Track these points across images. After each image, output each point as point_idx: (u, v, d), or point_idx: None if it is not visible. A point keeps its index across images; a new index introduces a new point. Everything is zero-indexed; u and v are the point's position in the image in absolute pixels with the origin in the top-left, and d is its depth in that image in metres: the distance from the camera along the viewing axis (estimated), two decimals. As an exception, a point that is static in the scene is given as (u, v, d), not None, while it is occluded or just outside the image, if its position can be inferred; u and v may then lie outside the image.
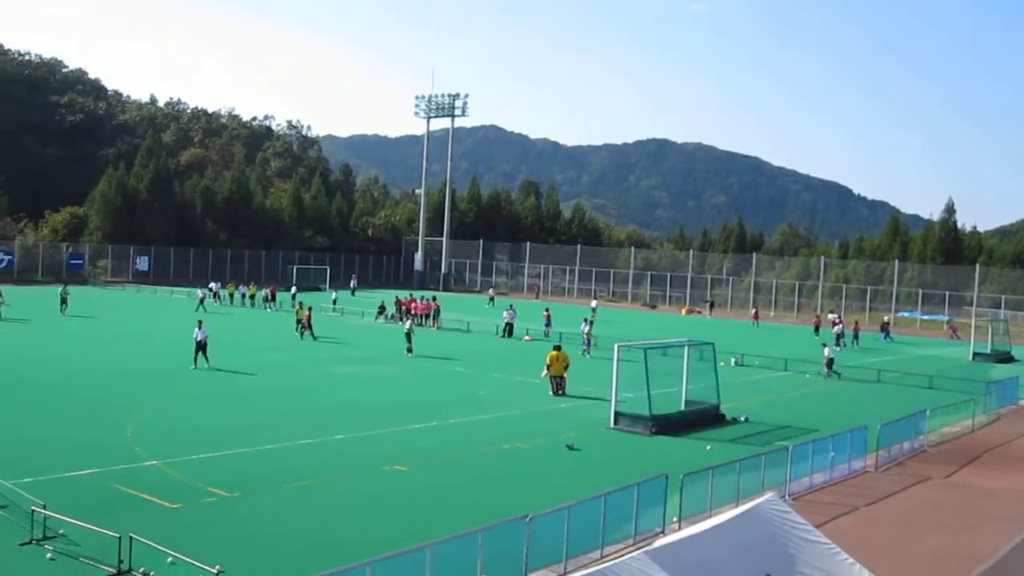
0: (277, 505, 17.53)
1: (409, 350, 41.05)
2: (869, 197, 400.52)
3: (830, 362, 41.64)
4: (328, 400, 29.20)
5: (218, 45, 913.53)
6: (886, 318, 69.36)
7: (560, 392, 31.86)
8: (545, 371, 32.34)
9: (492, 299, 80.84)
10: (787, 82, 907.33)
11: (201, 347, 34.24)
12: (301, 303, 51.06)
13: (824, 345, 43.72)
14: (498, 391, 32.61)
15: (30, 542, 14.53)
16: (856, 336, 58.06)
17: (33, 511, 14.90)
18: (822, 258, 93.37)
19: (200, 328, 34.48)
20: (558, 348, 33.16)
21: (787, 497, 18.62)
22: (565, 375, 32.28)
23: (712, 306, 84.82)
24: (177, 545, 13.85)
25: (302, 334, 46.48)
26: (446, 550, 12.46)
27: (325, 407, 27.93)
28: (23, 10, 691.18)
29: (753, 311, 75.84)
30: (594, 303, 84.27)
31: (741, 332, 62.96)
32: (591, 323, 47.67)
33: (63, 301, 53.92)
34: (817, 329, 63.46)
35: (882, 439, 23.43)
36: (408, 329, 42.28)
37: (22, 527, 14.98)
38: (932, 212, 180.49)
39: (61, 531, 14.78)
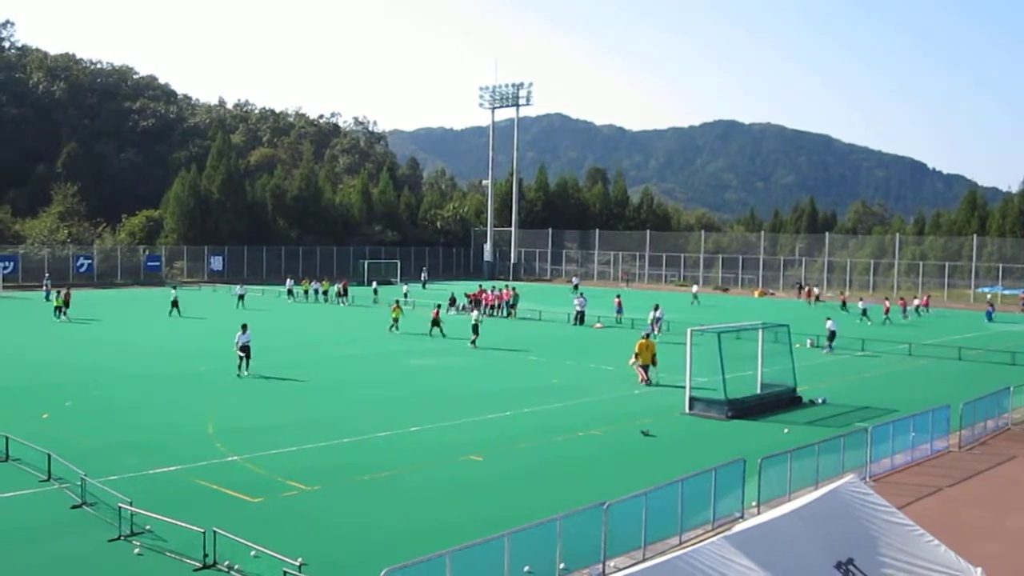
0: (356, 497, 17.74)
1: (473, 342, 40.98)
2: (944, 171, 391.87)
3: (832, 335, 41.35)
4: (403, 392, 29.44)
5: (284, 45, 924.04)
6: (916, 298, 66.84)
7: (647, 381, 31.14)
8: (633, 359, 31.79)
9: (576, 286, 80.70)
10: (857, 57, 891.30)
11: (244, 352, 31.92)
12: (398, 302, 50.31)
13: (828, 318, 43.17)
14: (571, 379, 32.58)
15: (118, 538, 14.89)
16: (887, 313, 57.81)
17: (120, 508, 15.27)
18: (897, 235, 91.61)
19: (244, 332, 32.24)
20: (647, 336, 32.55)
21: (868, 479, 18.36)
22: (653, 364, 31.51)
23: (801, 289, 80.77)
24: (260, 538, 14.09)
25: (394, 329, 46.15)
26: (524, 538, 12.51)
27: (400, 399, 28.16)
28: (93, 20, 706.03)
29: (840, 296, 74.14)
30: (575, 280, 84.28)
31: (816, 313, 62.06)
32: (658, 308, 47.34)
33: (174, 304, 54.55)
34: (844, 305, 64.03)
35: (965, 418, 22.95)
36: (476, 320, 42.32)
37: (110, 524, 15.37)
38: (1011, 184, 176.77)
39: (148, 527, 15.13)
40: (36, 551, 14.62)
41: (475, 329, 41.52)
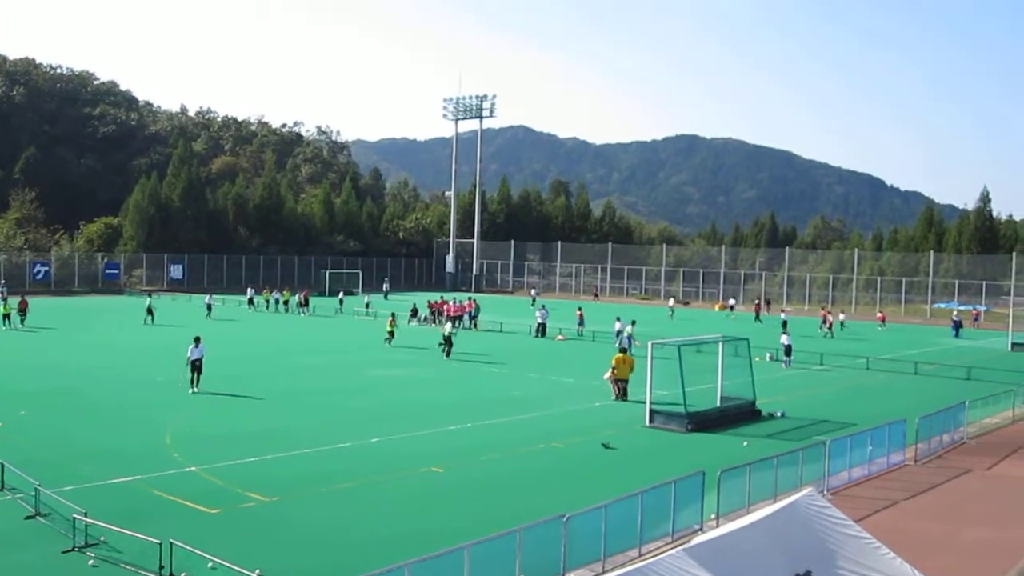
0: (315, 508, 17.63)
1: (447, 354, 40.82)
2: (902, 188, 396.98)
3: (788, 349, 41.62)
4: (365, 403, 29.32)
5: (246, 53, 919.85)
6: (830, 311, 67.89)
7: (622, 397, 30.57)
8: (609, 373, 31.29)
9: (535, 299, 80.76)
10: (820, 73, 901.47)
11: (196, 367, 30.13)
12: (394, 315, 48.39)
13: (784, 333, 43.59)
14: (533, 391, 32.60)
15: (73, 549, 14.69)
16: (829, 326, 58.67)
17: (75, 519, 15.06)
18: (856, 251, 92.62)
19: (197, 345, 30.39)
20: (624, 351, 31.93)
21: (825, 492, 18.52)
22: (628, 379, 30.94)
23: (769, 304, 79.99)
24: (217, 550, 13.95)
25: (390, 343, 44.75)
26: (484, 550, 12.48)
27: (362, 410, 28.05)
28: (54, 25, 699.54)
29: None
30: (533, 292, 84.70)
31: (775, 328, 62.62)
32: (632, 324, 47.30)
33: (149, 311, 54.51)
34: (827, 322, 63.94)
35: (921, 432, 23.23)
36: (449, 332, 42.07)
37: (65, 535, 15.15)
38: (967, 202, 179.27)
39: (102, 538, 14.94)
40: (-12, 562, 14.40)
41: (448, 341, 41.30)
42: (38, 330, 48.38)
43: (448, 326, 43.37)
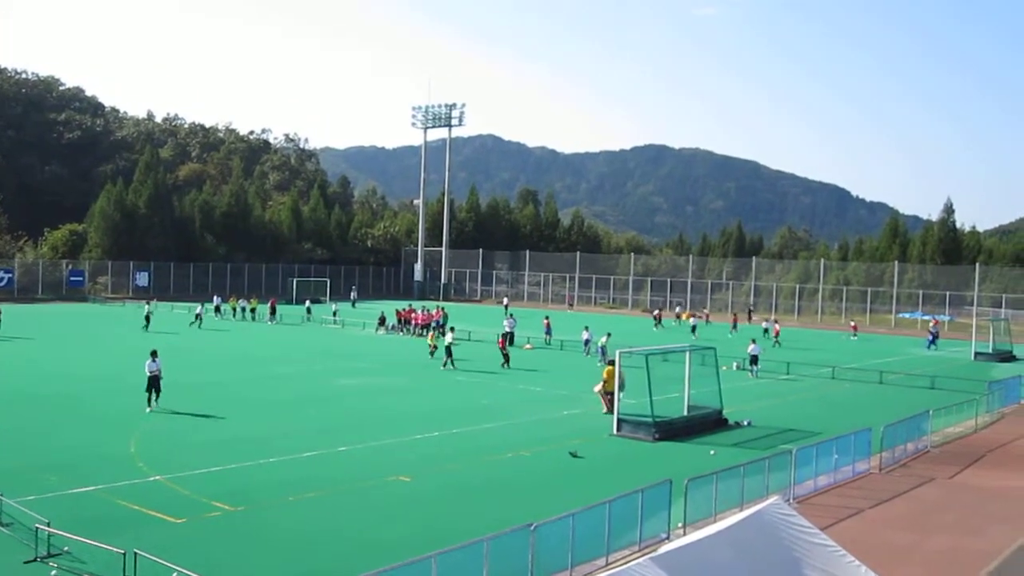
0: (282, 517, 17.52)
1: (448, 364, 40.46)
2: (868, 199, 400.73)
3: (754, 359, 41.93)
4: (332, 411, 29.20)
5: (214, 59, 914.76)
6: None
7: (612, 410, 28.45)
8: (600, 386, 30.21)
9: (507, 307, 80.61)
10: (784, 86, 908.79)
11: (153, 383, 28.31)
12: (433, 329, 47.49)
13: (753, 341, 43.85)
14: (501, 400, 32.58)
15: (35, 559, 14.52)
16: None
17: (37, 528, 14.89)
18: (822, 260, 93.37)
19: (154, 360, 28.55)
20: (612, 363, 29.13)
21: (791, 500, 18.63)
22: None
23: (750, 315, 79.10)
24: (182, 560, 13.84)
25: (436, 356, 43.02)
26: (452, 559, 12.44)
27: (330, 418, 27.94)
28: (19, 28, 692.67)
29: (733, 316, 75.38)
30: (505, 300, 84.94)
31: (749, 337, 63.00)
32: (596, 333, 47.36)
33: (147, 319, 54.79)
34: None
35: (886, 440, 23.43)
36: (449, 342, 41.49)
37: (27, 545, 14.96)
38: (931, 212, 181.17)
39: (66, 548, 14.78)
40: (-52, 573, 14.21)
41: (448, 351, 41.02)
42: (11, 339, 47.64)
43: (449, 336, 42.60)
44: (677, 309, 77.60)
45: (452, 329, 43.34)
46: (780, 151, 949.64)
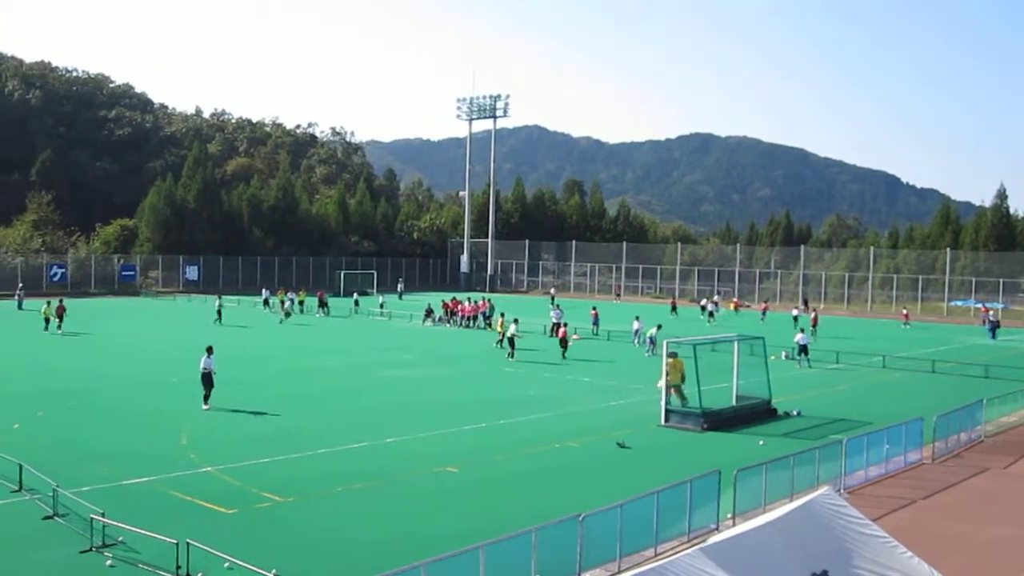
0: (331, 508, 17.66)
1: (511, 355, 40.75)
2: (918, 185, 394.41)
3: (803, 348, 41.48)
4: (380, 403, 29.37)
5: (261, 54, 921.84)
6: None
7: (683, 402, 27.66)
8: (662, 380, 27.69)
9: (553, 298, 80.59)
10: (834, 71, 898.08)
11: (207, 379, 27.77)
12: (503, 315, 46.64)
13: (801, 330, 43.40)
14: (548, 390, 32.57)
15: (90, 550, 14.76)
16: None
17: (92, 519, 15.14)
18: (871, 248, 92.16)
19: (209, 356, 28.13)
20: (674, 355, 27.61)
21: (842, 491, 18.45)
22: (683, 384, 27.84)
23: (807, 304, 76.19)
24: (233, 550, 13.99)
25: (501, 345, 43.61)
26: (500, 550, 12.48)
27: (377, 410, 28.10)
28: (69, 27, 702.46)
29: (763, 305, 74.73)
30: (552, 291, 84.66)
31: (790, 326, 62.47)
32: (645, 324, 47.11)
33: (219, 313, 55.91)
34: (674, 308, 70.50)
35: (938, 430, 23.10)
36: (512, 334, 41.55)
37: (82, 535, 15.22)
38: (984, 199, 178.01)
39: (120, 538, 15.01)
40: (6, 563, 14.46)
41: (511, 342, 41.19)
42: (80, 334, 48.12)
43: (513, 327, 42.55)
44: (706, 300, 76.58)
45: (516, 321, 43.20)
46: (828, 138, 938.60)
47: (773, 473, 17.81)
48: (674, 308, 70.91)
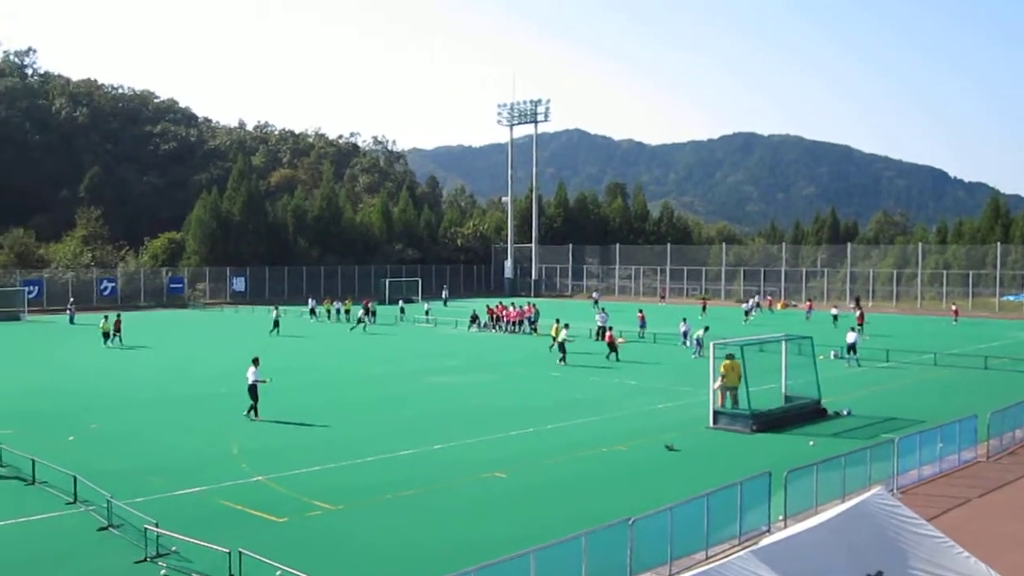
0: (380, 516, 17.73)
1: (563, 359, 40.77)
2: (966, 180, 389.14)
3: (852, 347, 41.02)
4: (426, 410, 29.44)
5: (302, 66, 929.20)
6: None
7: (735, 405, 27.21)
8: (719, 381, 27.07)
9: (596, 302, 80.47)
10: (876, 66, 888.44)
11: (253, 392, 27.79)
12: (558, 320, 45.44)
13: (852, 329, 43.01)
14: (595, 394, 32.51)
15: (144, 560, 14.94)
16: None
17: (146, 529, 15.32)
18: (920, 244, 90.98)
19: (256, 367, 28.21)
20: (731, 357, 27.00)
21: (895, 491, 18.22)
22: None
23: (858, 303, 75.28)
24: (285, 558, 14.10)
25: (552, 350, 43.41)
26: (550, 555, 12.46)
27: (424, 417, 28.17)
28: (115, 46, 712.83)
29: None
30: (595, 294, 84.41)
31: (842, 325, 61.83)
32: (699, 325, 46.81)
33: (276, 324, 56.03)
34: (704, 308, 72.11)
35: (993, 427, 22.75)
36: (563, 339, 41.54)
37: (136, 545, 15.42)
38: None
39: (174, 548, 15.18)
40: (63, 575, 14.68)
41: (562, 347, 41.20)
42: (137, 348, 48.45)
43: (564, 332, 42.52)
44: (753, 299, 75.88)
45: (567, 326, 43.12)
46: (873, 134, 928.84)
47: (824, 474, 17.62)
48: (704, 308, 72.29)
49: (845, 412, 28.45)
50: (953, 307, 68.73)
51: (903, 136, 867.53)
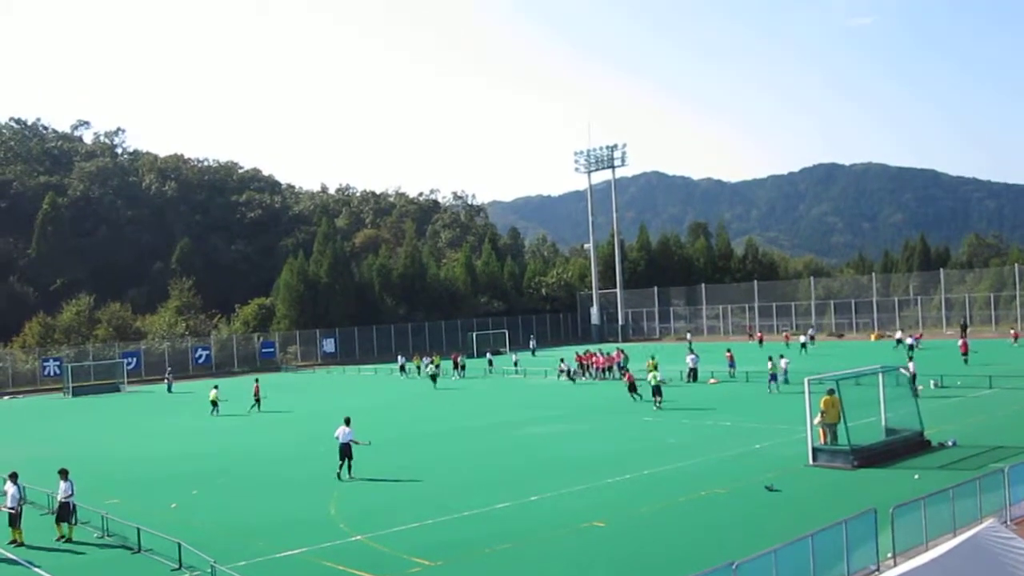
0: (480, 570, 17.69)
1: (658, 404, 40.16)
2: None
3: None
4: (521, 461, 29.39)
5: (381, 128, 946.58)
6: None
7: (834, 442, 26.63)
8: (819, 418, 26.61)
9: (690, 343, 79.85)
10: (953, 90, 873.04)
11: (345, 452, 27.87)
12: (653, 357, 45.46)
13: (910, 359, 42.29)
14: (688, 437, 32.14)
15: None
16: None
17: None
18: (1016, 265, 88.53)
19: (347, 427, 28.38)
20: (832, 392, 26.57)
21: (1008, 522, 17.62)
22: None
23: (964, 330, 72.64)
24: (388, 618, 14.11)
25: (637, 398, 43.02)
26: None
27: (519, 468, 28.12)
28: (199, 120, 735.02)
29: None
30: (688, 335, 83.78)
31: (944, 355, 60.30)
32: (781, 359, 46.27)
33: (433, 378, 57.64)
34: (761, 342, 71.41)
35: (1107, 451, 21.90)
36: (658, 382, 41.12)
37: (242, 610, 15.57)
38: None
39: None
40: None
41: (657, 391, 40.81)
42: (273, 412, 48.04)
43: (658, 375, 42.15)
44: (900, 333, 73.79)
45: (656, 367, 42.93)
46: (959, 156, 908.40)
47: (932, 508, 17.10)
48: (761, 342, 72.41)
49: (950, 443, 27.65)
50: (1012, 331, 66.42)
51: (990, 156, 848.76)
